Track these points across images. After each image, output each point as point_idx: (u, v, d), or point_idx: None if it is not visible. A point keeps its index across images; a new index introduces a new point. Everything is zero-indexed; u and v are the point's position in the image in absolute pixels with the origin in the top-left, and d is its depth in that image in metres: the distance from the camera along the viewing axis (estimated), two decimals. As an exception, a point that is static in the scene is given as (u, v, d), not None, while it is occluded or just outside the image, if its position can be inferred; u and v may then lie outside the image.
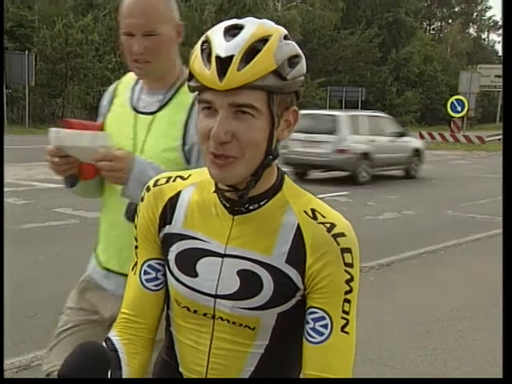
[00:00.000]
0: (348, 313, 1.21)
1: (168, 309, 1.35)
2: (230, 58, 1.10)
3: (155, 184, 1.33)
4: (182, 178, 1.32)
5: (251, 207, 1.23)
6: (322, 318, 1.20)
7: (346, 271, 1.20)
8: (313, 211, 1.23)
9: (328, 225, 1.21)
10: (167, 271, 1.31)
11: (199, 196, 1.28)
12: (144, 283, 1.33)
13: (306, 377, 1.23)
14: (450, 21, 72.18)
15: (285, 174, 1.28)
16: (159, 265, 1.33)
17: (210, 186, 1.26)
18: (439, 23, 74.64)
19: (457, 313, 5.10)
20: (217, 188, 1.24)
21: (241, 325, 1.24)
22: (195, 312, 1.27)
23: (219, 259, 1.24)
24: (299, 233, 1.21)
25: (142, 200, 1.34)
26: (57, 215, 8.23)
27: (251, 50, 1.11)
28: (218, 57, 1.11)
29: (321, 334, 1.20)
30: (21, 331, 4.27)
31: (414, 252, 7.13)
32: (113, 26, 30.66)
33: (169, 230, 1.29)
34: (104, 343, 1.30)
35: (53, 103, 29.47)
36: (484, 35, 78.36)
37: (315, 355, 1.21)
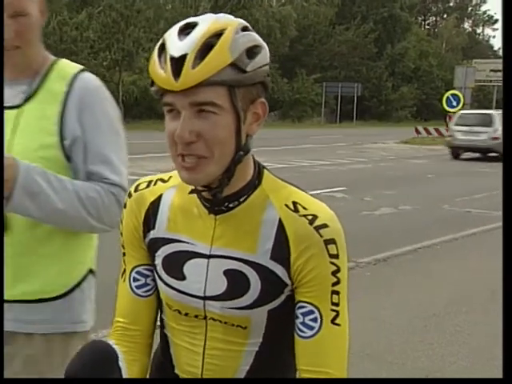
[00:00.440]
0: (338, 304, 1.19)
1: (161, 312, 1.34)
2: (184, 57, 1.08)
3: (136, 189, 1.31)
4: (163, 181, 1.30)
5: (231, 205, 1.21)
6: (311, 312, 1.19)
7: (332, 263, 1.18)
8: (294, 204, 1.20)
9: (310, 217, 1.18)
10: (156, 276, 1.30)
11: (181, 198, 1.26)
12: (134, 290, 1.32)
13: (301, 373, 1.22)
14: (445, 15, 72.23)
15: (264, 169, 1.25)
16: (148, 270, 1.32)
17: (190, 188, 1.25)
18: (434, 18, 74.71)
19: (453, 307, 5.11)
20: (192, 189, 1.22)
21: (232, 324, 1.23)
22: (186, 315, 1.26)
23: (205, 260, 1.23)
24: (281, 228, 1.19)
25: (125, 206, 1.33)
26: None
27: (205, 47, 1.09)
28: (172, 57, 1.09)
29: (311, 328, 1.19)
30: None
31: (411, 247, 7.14)
32: (107, 23, 30.63)
33: (153, 235, 1.28)
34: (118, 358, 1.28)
35: (48, 101, 29.42)
36: (479, 30, 78.45)
37: (307, 350, 1.20)
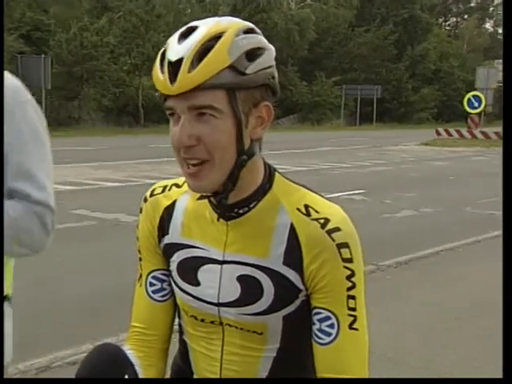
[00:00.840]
0: (354, 309, 1.17)
1: (179, 318, 1.34)
2: (180, 61, 1.08)
3: (151, 194, 1.32)
4: (177, 186, 1.30)
5: (241, 211, 1.20)
6: (328, 318, 1.17)
7: (346, 267, 1.16)
8: (306, 207, 1.18)
9: (322, 220, 1.16)
10: (172, 282, 1.30)
11: (194, 204, 1.25)
12: (151, 295, 1.32)
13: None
14: (466, 16, 71.52)
15: (275, 172, 1.23)
16: (164, 275, 1.31)
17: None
18: (455, 19, 73.99)
19: (477, 311, 5.04)
20: (201, 195, 1.22)
21: (248, 330, 1.22)
22: (202, 321, 1.26)
23: (218, 266, 1.22)
24: (293, 232, 1.17)
25: (141, 211, 1.33)
26: (75, 217, 8.27)
27: (203, 50, 1.08)
28: (170, 61, 1.09)
29: (328, 335, 1.17)
30: (39, 332, 4.29)
31: (432, 250, 7.07)
32: (128, 28, 30.85)
33: (168, 241, 1.28)
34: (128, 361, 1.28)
35: (69, 106, 29.71)
36: (501, 30, 77.62)
37: (326, 356, 1.18)
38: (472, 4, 73.49)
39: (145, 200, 1.32)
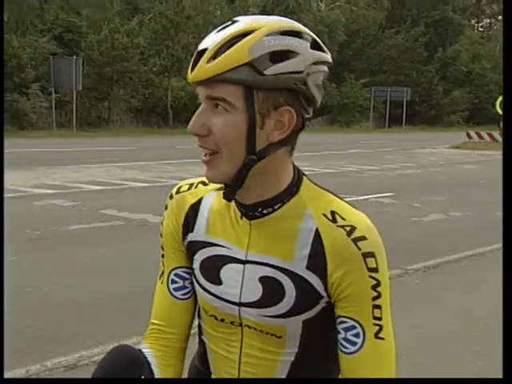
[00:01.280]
0: (380, 318, 1.15)
1: (199, 318, 1.33)
2: (203, 51, 1.09)
3: (178, 191, 1.31)
4: (204, 184, 1.29)
5: (265, 211, 1.18)
6: (353, 327, 1.16)
7: (371, 277, 1.14)
8: (332, 214, 1.17)
9: (348, 228, 1.15)
10: (194, 280, 1.29)
11: (220, 202, 1.25)
12: (172, 292, 1.31)
13: None
14: (500, 17, 70.47)
15: (303, 176, 1.22)
16: (186, 273, 1.31)
17: None
18: (488, 20, 72.94)
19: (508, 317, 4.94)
20: (220, 187, 1.22)
21: (267, 333, 1.21)
22: (222, 320, 1.25)
23: (241, 266, 1.21)
24: (318, 238, 1.16)
25: (166, 208, 1.32)
26: (102, 216, 8.35)
27: (227, 45, 1.07)
28: (197, 50, 1.11)
29: (354, 344, 1.16)
30: (67, 331, 4.33)
31: (462, 254, 6.96)
32: (157, 30, 31.10)
33: (192, 238, 1.27)
34: (145, 362, 1.27)
35: (99, 106, 30.08)
36: (534, 32, 76.05)
37: (352, 366, 1.17)
38: (505, 5, 72.25)
39: (170, 197, 1.32)
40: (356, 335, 1.15)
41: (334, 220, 1.16)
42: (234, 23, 1.10)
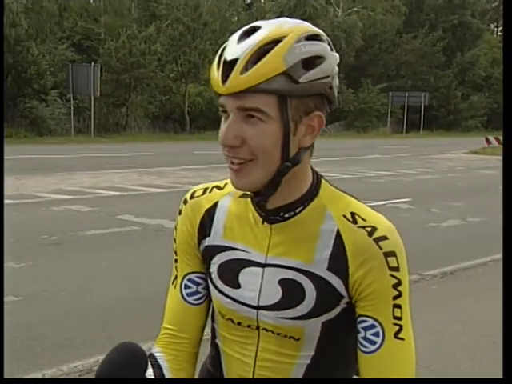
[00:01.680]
0: (400, 318, 1.15)
1: (213, 321, 1.33)
2: (235, 62, 1.07)
3: (192, 196, 1.31)
4: (219, 188, 1.30)
5: (287, 215, 1.19)
6: (373, 326, 1.16)
7: (392, 276, 1.14)
8: (352, 215, 1.18)
9: (369, 228, 1.16)
10: (210, 284, 1.28)
11: (237, 206, 1.25)
12: (185, 297, 1.31)
13: None
14: (518, 22, 69.78)
15: (322, 178, 1.23)
16: (200, 278, 1.31)
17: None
18: (506, 25, 72.29)
19: (525, 324, 4.87)
20: (243, 193, 1.22)
21: (285, 336, 1.21)
22: (239, 324, 1.25)
23: (260, 269, 1.22)
24: (339, 239, 1.17)
25: (180, 213, 1.32)
26: (119, 222, 8.40)
27: (259, 53, 1.06)
28: (225, 60, 1.09)
29: (373, 343, 1.16)
30: (83, 335, 4.35)
31: (480, 260, 6.89)
32: (175, 36, 31.30)
33: (209, 243, 1.27)
34: (148, 359, 1.28)
35: (117, 113, 30.31)
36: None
37: (370, 365, 1.16)
38: (524, 9, 71.64)
39: (185, 202, 1.32)
40: (375, 334, 1.15)
41: (355, 221, 1.17)
42: (257, 30, 1.10)
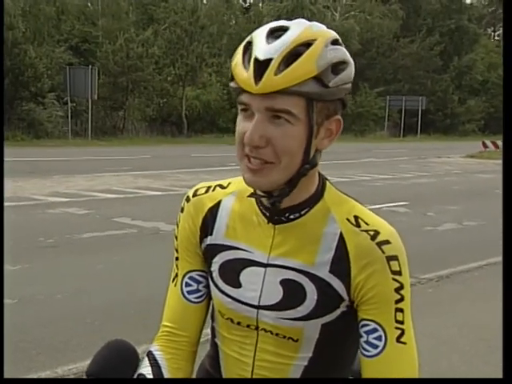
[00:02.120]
0: (402, 322, 1.16)
1: (212, 320, 1.33)
2: (268, 62, 1.07)
3: (195, 194, 1.31)
4: (222, 187, 1.30)
5: (292, 216, 1.20)
6: (375, 330, 1.16)
7: (395, 279, 1.15)
8: (356, 218, 1.18)
9: (372, 232, 1.16)
10: (211, 282, 1.29)
11: (240, 205, 1.25)
12: (185, 295, 1.31)
13: None
14: (515, 26, 69.98)
15: (326, 181, 1.24)
16: (201, 277, 1.31)
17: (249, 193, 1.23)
18: (503, 29, 72.53)
19: (521, 328, 4.88)
20: (252, 193, 1.21)
21: (284, 336, 1.21)
22: (239, 324, 1.25)
23: (262, 269, 1.22)
24: (342, 242, 1.17)
25: (182, 211, 1.32)
26: (116, 225, 8.39)
27: (292, 54, 1.07)
28: (257, 59, 1.08)
29: (375, 347, 1.16)
30: (79, 338, 4.34)
31: (476, 264, 6.90)
32: (172, 40, 31.32)
33: (211, 241, 1.27)
34: (146, 357, 1.29)
35: (114, 116, 30.29)
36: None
37: (372, 369, 1.16)
38: (521, 14, 71.85)
39: (187, 199, 1.31)
40: (378, 338, 1.15)
41: (358, 224, 1.17)
42: (286, 30, 1.10)
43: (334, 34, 1.14)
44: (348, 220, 1.18)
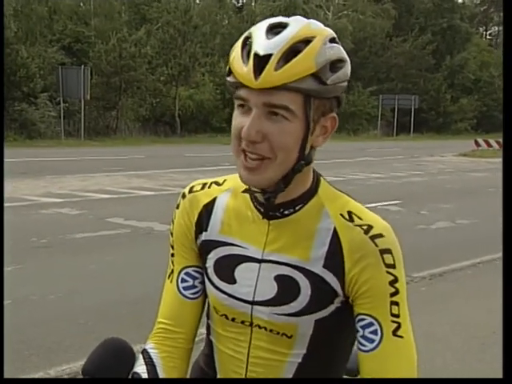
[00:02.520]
0: (398, 315, 1.16)
1: (208, 318, 1.33)
2: (268, 57, 1.08)
3: (190, 190, 1.32)
4: (218, 184, 1.31)
5: (286, 212, 1.20)
6: (371, 324, 1.16)
7: (388, 272, 1.15)
8: (349, 213, 1.19)
9: (365, 227, 1.17)
10: (206, 279, 1.29)
11: (235, 201, 1.26)
12: (181, 291, 1.31)
13: None
14: (507, 25, 70.18)
15: (320, 177, 1.25)
16: (196, 272, 1.31)
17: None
18: (496, 28, 72.82)
19: (514, 325, 4.89)
20: (247, 189, 1.21)
21: (278, 333, 1.21)
22: (233, 320, 1.25)
23: (257, 265, 1.22)
24: (336, 237, 1.18)
25: (178, 207, 1.32)
26: (109, 225, 8.37)
27: (291, 51, 1.08)
28: (257, 55, 1.09)
29: (371, 341, 1.16)
30: (72, 339, 4.33)
31: (469, 262, 6.92)
32: (165, 39, 31.26)
33: (206, 237, 1.28)
34: (141, 355, 1.28)
35: (107, 116, 30.19)
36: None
37: (369, 364, 1.16)
38: (513, 13, 72.08)
39: (183, 196, 1.32)
40: (374, 332, 1.15)
41: (351, 219, 1.18)
42: (285, 26, 1.11)
43: (332, 32, 1.15)
44: (342, 215, 1.19)
